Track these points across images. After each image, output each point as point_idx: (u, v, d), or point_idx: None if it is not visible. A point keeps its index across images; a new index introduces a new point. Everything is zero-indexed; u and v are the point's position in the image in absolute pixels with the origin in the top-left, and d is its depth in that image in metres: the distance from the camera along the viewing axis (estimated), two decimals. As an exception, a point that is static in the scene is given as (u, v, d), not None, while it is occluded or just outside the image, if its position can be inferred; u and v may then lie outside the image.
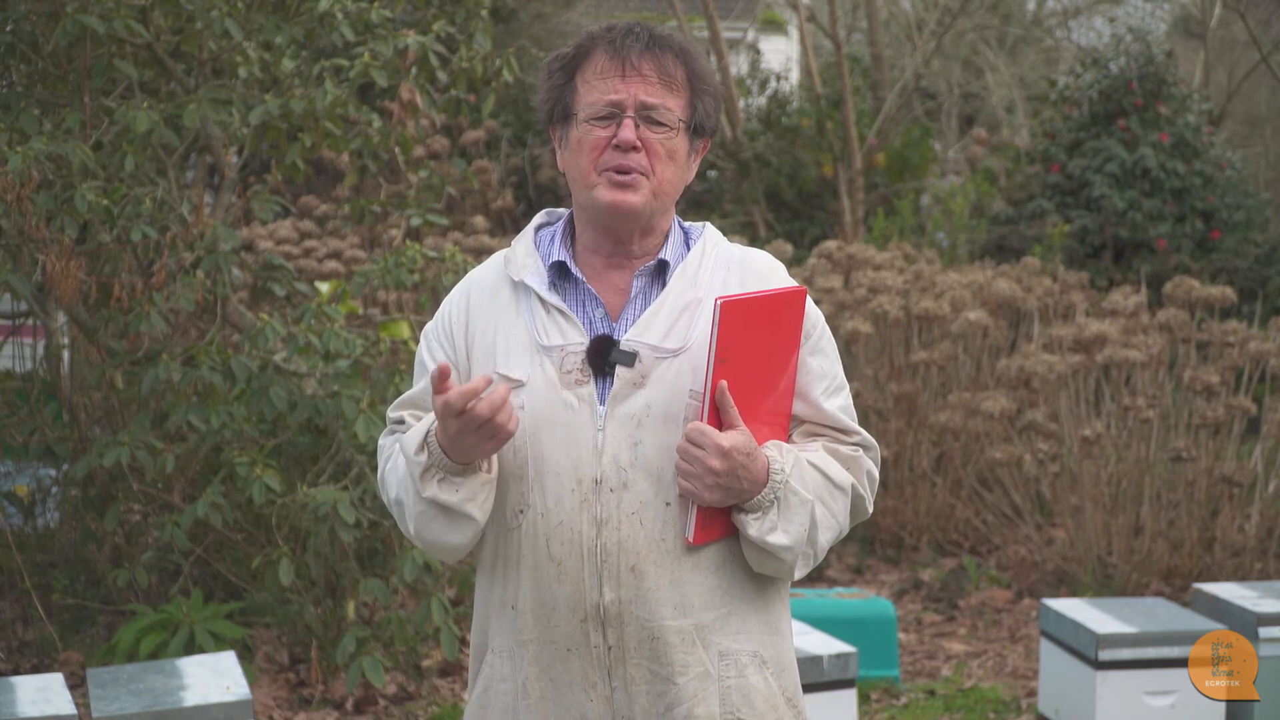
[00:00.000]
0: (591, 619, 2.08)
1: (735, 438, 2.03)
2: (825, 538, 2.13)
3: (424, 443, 2.08)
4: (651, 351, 2.10)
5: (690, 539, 2.07)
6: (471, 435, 2.02)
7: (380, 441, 2.28)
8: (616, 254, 2.18)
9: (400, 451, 2.15)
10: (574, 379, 2.10)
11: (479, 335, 2.18)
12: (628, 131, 2.10)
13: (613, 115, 2.11)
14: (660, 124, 2.12)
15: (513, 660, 2.14)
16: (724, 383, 2.02)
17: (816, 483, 2.11)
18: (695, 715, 2.09)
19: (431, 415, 2.10)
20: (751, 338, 2.06)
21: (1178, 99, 10.36)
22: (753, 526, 2.06)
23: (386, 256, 5.04)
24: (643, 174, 2.11)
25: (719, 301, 2.01)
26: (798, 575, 2.12)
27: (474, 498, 2.08)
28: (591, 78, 2.13)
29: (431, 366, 2.19)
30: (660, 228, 2.19)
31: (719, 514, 2.09)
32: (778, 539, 2.06)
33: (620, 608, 2.08)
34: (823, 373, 2.18)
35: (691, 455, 2.02)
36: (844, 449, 2.18)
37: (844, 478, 2.15)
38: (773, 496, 2.06)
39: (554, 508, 2.09)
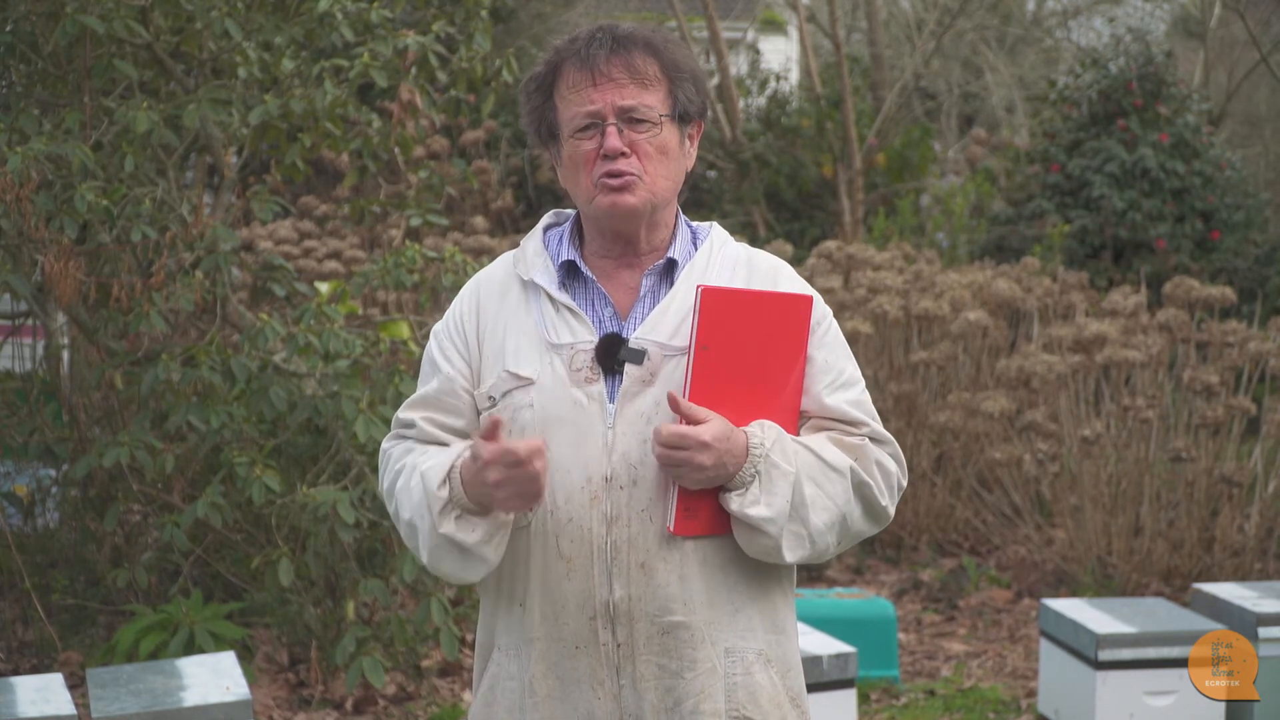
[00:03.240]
0: (601, 616, 2.09)
1: (713, 428, 2.03)
2: (820, 519, 2.09)
3: (447, 478, 2.08)
4: (660, 349, 2.11)
5: (671, 529, 2.07)
6: (507, 489, 2.01)
7: (384, 446, 2.25)
8: (626, 254, 2.19)
9: (416, 476, 2.13)
10: (583, 377, 2.11)
11: (489, 333, 2.18)
12: (613, 139, 2.10)
13: (594, 125, 2.12)
14: (643, 122, 2.12)
15: (519, 658, 2.15)
16: (681, 398, 2.03)
17: (806, 461, 2.09)
18: (701, 710, 2.09)
19: (458, 448, 2.11)
20: (742, 332, 2.07)
21: (1177, 99, 10.36)
22: (734, 502, 2.06)
23: (386, 257, 5.05)
24: (636, 176, 2.12)
25: (700, 288, 2.04)
26: (790, 558, 2.09)
27: (490, 539, 2.09)
28: (566, 92, 2.14)
29: (444, 365, 2.20)
30: (665, 221, 2.20)
31: (701, 506, 2.08)
32: (759, 511, 2.05)
33: (630, 605, 2.08)
34: (827, 367, 2.17)
35: (677, 459, 2.02)
36: (849, 439, 2.16)
37: (840, 460, 2.12)
38: (753, 471, 2.05)
39: (563, 505, 2.09)
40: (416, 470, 2.13)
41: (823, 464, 2.10)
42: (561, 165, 2.19)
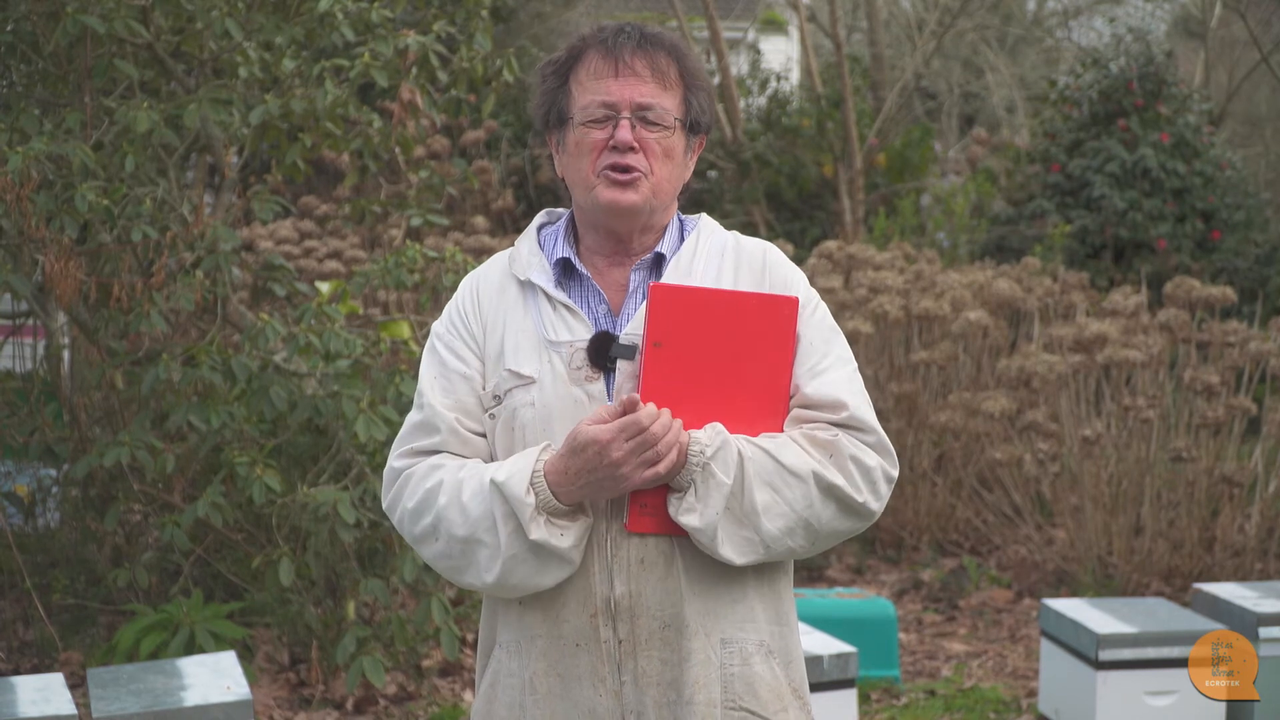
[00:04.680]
0: (602, 614, 2.09)
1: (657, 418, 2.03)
2: (774, 525, 2.06)
3: (531, 484, 2.04)
4: None
5: (626, 526, 2.08)
6: (634, 459, 2.00)
7: (397, 465, 2.18)
8: (618, 252, 2.19)
9: (470, 488, 2.08)
10: (584, 375, 2.11)
11: (488, 331, 2.18)
12: (625, 132, 2.11)
13: (608, 117, 2.12)
14: (656, 124, 2.13)
15: (520, 655, 2.14)
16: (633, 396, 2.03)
17: (762, 466, 2.06)
18: (695, 701, 2.09)
19: (527, 454, 2.07)
20: (706, 331, 2.06)
21: (1178, 99, 10.36)
22: (672, 506, 2.06)
23: (387, 256, 5.05)
24: (642, 173, 2.12)
25: (651, 285, 2.05)
26: (740, 561, 2.06)
27: (579, 543, 2.06)
28: (585, 79, 2.14)
29: (458, 364, 2.17)
30: (659, 225, 2.21)
31: (655, 503, 2.07)
32: (689, 520, 2.05)
33: (632, 600, 2.08)
34: (811, 349, 2.15)
35: (671, 442, 2.03)
36: (821, 435, 2.10)
37: (802, 464, 2.07)
38: (689, 478, 2.04)
39: None
40: (465, 483, 2.08)
41: (780, 469, 2.06)
42: (565, 151, 2.18)
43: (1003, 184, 10.98)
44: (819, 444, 2.10)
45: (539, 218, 2.29)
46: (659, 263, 2.18)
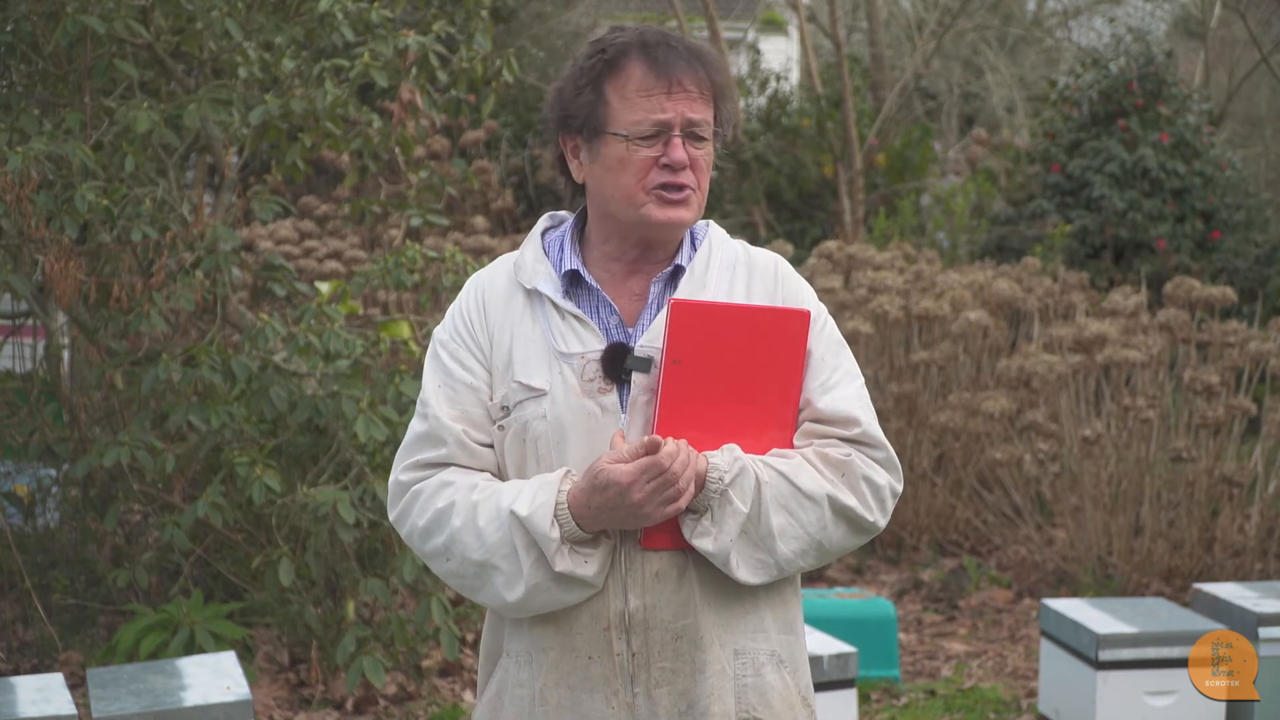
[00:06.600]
0: (615, 627, 2.08)
1: (670, 453, 2.01)
2: (789, 548, 2.07)
3: (555, 518, 2.02)
4: None
5: (640, 542, 2.07)
6: (655, 499, 1.99)
7: (403, 479, 2.15)
8: (640, 261, 2.16)
9: (485, 514, 2.06)
10: (596, 387, 2.09)
11: (495, 341, 2.15)
12: (679, 152, 2.08)
13: (660, 134, 2.08)
14: (702, 139, 2.11)
15: (530, 666, 2.13)
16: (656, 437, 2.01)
17: (779, 490, 2.06)
18: (711, 713, 2.08)
19: (547, 484, 2.05)
20: (723, 347, 2.05)
21: (1178, 99, 10.35)
22: (687, 528, 2.06)
23: (386, 257, 5.04)
24: (693, 189, 2.10)
25: (671, 301, 2.03)
26: (754, 581, 2.08)
27: (604, 569, 2.07)
28: (632, 94, 2.08)
29: (463, 374, 2.14)
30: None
31: (668, 522, 2.06)
32: (703, 544, 2.05)
33: (645, 614, 2.07)
34: (822, 364, 2.14)
35: (683, 484, 2.02)
36: (835, 453, 2.11)
37: (817, 487, 2.07)
38: (706, 504, 2.04)
39: None
40: (480, 507, 2.07)
41: (797, 492, 2.07)
42: (597, 162, 2.11)
43: (1003, 184, 10.98)
44: (832, 463, 2.10)
45: (543, 221, 2.25)
46: (677, 275, 2.16)
